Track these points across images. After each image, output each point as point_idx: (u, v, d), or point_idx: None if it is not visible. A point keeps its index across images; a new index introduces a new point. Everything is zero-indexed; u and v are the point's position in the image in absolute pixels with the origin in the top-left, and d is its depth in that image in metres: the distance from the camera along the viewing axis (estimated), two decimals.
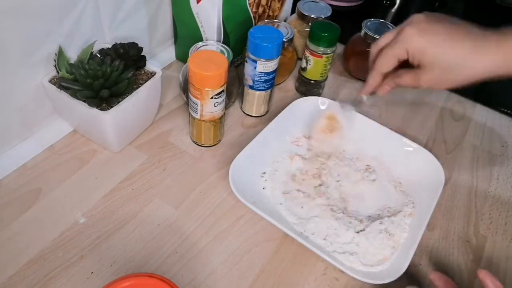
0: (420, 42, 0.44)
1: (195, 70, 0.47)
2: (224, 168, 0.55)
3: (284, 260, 0.47)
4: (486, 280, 0.39)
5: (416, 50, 0.44)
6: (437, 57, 0.43)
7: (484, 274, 0.39)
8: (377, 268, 0.45)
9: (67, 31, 0.50)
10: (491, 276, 0.39)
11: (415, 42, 0.44)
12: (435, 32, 0.44)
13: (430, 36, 0.44)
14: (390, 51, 0.46)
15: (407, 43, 0.45)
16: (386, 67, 0.48)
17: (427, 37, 0.44)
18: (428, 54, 0.44)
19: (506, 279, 0.48)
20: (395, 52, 0.46)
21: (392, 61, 0.47)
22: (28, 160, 0.52)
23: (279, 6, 0.70)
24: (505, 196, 0.57)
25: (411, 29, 0.45)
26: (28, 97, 0.50)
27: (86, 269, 0.44)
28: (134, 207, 0.50)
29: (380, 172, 0.56)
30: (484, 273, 0.39)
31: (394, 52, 0.46)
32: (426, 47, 0.44)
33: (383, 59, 0.47)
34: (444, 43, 0.43)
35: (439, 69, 0.44)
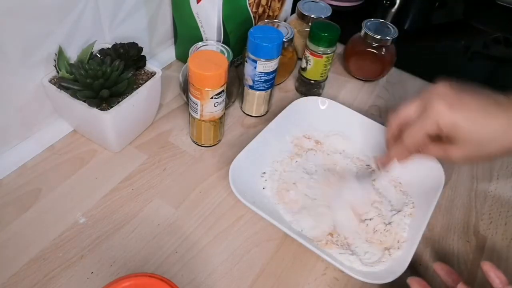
0: (452, 118, 0.41)
1: (195, 70, 0.47)
2: (224, 168, 0.55)
3: (284, 260, 0.47)
4: (489, 272, 0.39)
5: (449, 125, 0.41)
6: (472, 133, 0.41)
7: (488, 266, 0.39)
8: (377, 268, 0.45)
9: (67, 31, 0.50)
10: (495, 269, 0.39)
11: (447, 117, 0.41)
12: (467, 107, 0.42)
13: (462, 111, 0.41)
14: (420, 127, 0.43)
15: (438, 118, 0.42)
16: (416, 143, 0.44)
17: (459, 112, 0.41)
18: (461, 130, 0.41)
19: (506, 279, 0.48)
20: (425, 127, 0.43)
21: (421, 137, 0.44)
22: (28, 160, 0.52)
23: (279, 6, 0.70)
24: (505, 196, 0.57)
25: (440, 103, 0.42)
26: (28, 97, 0.50)
27: (86, 269, 0.44)
28: (134, 207, 0.50)
29: (380, 172, 0.56)
30: (488, 266, 0.39)
31: (423, 127, 0.43)
32: (459, 123, 0.41)
33: (413, 135, 0.44)
34: (478, 119, 0.41)
35: (473, 145, 0.42)
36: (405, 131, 0.45)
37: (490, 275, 0.39)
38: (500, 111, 0.41)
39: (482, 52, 0.86)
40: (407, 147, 0.46)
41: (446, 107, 0.41)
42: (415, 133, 0.44)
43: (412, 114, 0.45)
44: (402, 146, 0.46)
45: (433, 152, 0.45)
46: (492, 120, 0.41)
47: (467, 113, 0.41)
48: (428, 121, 0.43)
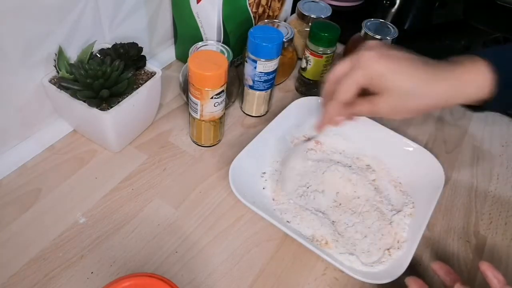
0: (380, 67, 0.43)
1: (195, 70, 0.47)
2: (224, 168, 0.55)
3: (284, 260, 0.47)
4: (487, 272, 0.39)
5: (376, 74, 0.43)
6: (396, 83, 0.42)
7: (486, 266, 0.39)
8: (377, 268, 0.45)
9: (67, 31, 0.50)
10: (492, 269, 0.39)
11: (376, 66, 0.43)
12: (393, 58, 0.43)
13: (388, 61, 0.43)
14: (351, 78, 0.44)
15: (368, 67, 0.43)
16: (347, 95, 0.45)
17: (387, 61, 0.43)
18: (387, 79, 0.42)
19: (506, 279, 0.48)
20: (356, 78, 0.44)
21: (353, 88, 0.44)
22: (28, 160, 0.52)
23: (279, 6, 0.70)
24: (505, 196, 0.57)
25: (370, 53, 0.43)
26: (28, 97, 0.50)
27: (86, 269, 0.44)
28: (134, 207, 0.50)
29: (380, 172, 0.56)
30: (486, 266, 0.39)
31: (354, 78, 0.44)
32: (386, 72, 0.42)
33: (344, 87, 0.45)
34: (401, 69, 0.42)
35: (397, 95, 0.43)
36: (337, 86, 0.46)
37: (488, 275, 0.39)
38: (426, 66, 0.43)
39: None
40: (340, 101, 0.46)
41: (375, 57, 0.43)
42: (347, 85, 0.45)
43: (345, 70, 0.46)
44: (335, 101, 0.46)
45: (362, 108, 0.45)
46: (417, 72, 0.42)
47: (393, 63, 0.43)
48: (358, 72, 0.44)
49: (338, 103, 0.46)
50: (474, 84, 0.42)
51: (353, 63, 0.45)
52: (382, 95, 0.43)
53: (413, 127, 0.64)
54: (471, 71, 0.42)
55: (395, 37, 0.65)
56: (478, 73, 0.42)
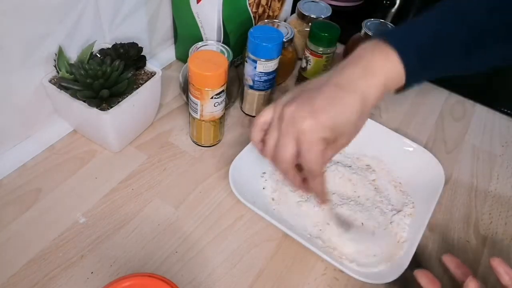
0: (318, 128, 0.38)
1: (195, 70, 0.47)
2: (224, 168, 0.55)
3: (284, 260, 0.47)
4: (499, 268, 0.39)
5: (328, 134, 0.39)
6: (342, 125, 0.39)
7: (497, 262, 0.39)
8: (377, 268, 0.45)
9: (67, 31, 0.50)
10: (504, 265, 0.39)
11: (317, 130, 0.38)
12: (312, 104, 0.39)
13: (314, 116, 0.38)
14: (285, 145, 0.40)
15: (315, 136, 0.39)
16: (289, 160, 0.40)
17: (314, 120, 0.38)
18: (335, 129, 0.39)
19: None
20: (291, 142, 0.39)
21: (291, 149, 0.40)
22: (28, 160, 0.52)
23: (279, 6, 0.70)
24: (505, 196, 0.57)
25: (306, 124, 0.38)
26: (28, 97, 0.50)
27: (86, 269, 0.44)
28: (134, 207, 0.50)
29: (380, 172, 0.56)
30: (498, 261, 0.39)
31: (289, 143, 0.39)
32: None
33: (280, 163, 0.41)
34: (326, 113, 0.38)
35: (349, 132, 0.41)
36: None
37: (499, 270, 0.39)
38: (315, 94, 0.39)
39: None
40: None
41: (313, 125, 0.38)
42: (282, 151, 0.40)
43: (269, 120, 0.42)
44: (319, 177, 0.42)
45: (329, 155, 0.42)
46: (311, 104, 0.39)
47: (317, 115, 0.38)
48: None
49: None
50: (390, 82, 0.40)
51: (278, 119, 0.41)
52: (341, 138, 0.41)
53: (413, 127, 0.64)
54: (380, 71, 0.39)
55: None
56: (389, 70, 0.39)
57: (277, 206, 0.50)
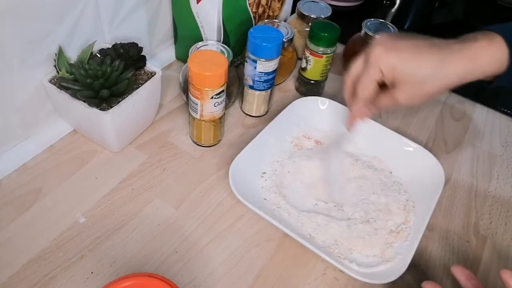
0: (389, 60, 0.44)
1: (195, 70, 0.47)
2: (224, 168, 0.55)
3: (284, 260, 0.47)
4: (510, 282, 0.37)
5: (387, 68, 0.44)
6: (407, 72, 0.44)
7: (509, 275, 0.38)
8: (377, 268, 0.45)
9: (67, 31, 0.50)
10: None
11: (385, 60, 0.44)
12: (401, 49, 0.44)
13: (397, 53, 0.44)
14: (367, 75, 0.46)
15: (378, 63, 0.45)
16: (368, 92, 0.47)
17: (394, 54, 0.44)
18: (398, 71, 0.44)
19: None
20: (371, 74, 0.46)
21: (371, 85, 0.46)
22: (28, 160, 0.52)
23: (279, 6, 0.70)
24: (505, 196, 0.57)
25: (378, 49, 0.45)
26: (28, 97, 0.50)
27: (86, 269, 0.44)
28: (134, 207, 0.50)
29: (380, 172, 0.56)
30: (509, 274, 0.38)
31: (370, 75, 0.46)
32: (395, 64, 0.44)
33: (363, 85, 0.47)
34: (411, 59, 0.44)
35: (412, 84, 0.44)
36: (357, 85, 0.48)
37: (510, 284, 0.37)
38: (433, 50, 0.44)
39: None
40: (362, 99, 0.48)
41: (383, 51, 0.44)
42: (365, 82, 0.47)
43: (360, 68, 0.48)
44: (357, 100, 0.49)
45: (383, 101, 0.47)
46: (426, 58, 0.43)
47: (402, 54, 0.44)
48: (371, 69, 0.45)
49: (360, 101, 0.48)
50: (490, 59, 0.43)
51: (365, 61, 0.47)
52: (399, 87, 0.45)
53: (413, 127, 0.64)
54: (487, 48, 0.42)
55: None
56: (494, 49, 0.42)
57: (277, 206, 0.50)
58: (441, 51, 0.44)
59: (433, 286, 0.41)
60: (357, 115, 0.51)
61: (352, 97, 0.50)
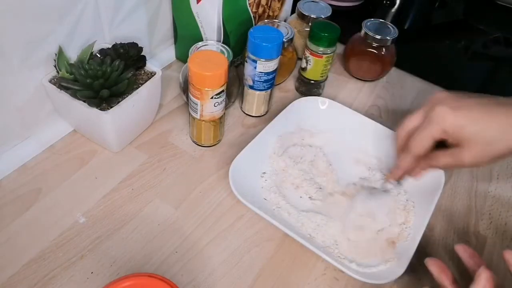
0: (456, 120, 0.43)
1: (195, 70, 0.47)
2: (224, 168, 0.55)
3: (284, 260, 0.47)
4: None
5: (455, 128, 0.43)
6: (477, 133, 0.42)
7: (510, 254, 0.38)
8: (377, 268, 0.45)
9: (67, 31, 0.50)
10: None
11: (451, 120, 0.43)
12: (469, 108, 0.43)
13: (465, 112, 0.43)
14: (425, 133, 0.45)
15: (443, 122, 0.43)
16: (422, 150, 0.46)
17: (462, 113, 0.43)
18: (467, 131, 0.42)
19: (506, 279, 0.48)
20: (431, 133, 0.44)
21: (428, 143, 0.45)
22: (28, 160, 0.52)
23: (279, 6, 0.70)
24: (505, 196, 0.57)
25: (442, 107, 0.43)
26: (28, 97, 0.50)
27: (86, 269, 0.44)
28: (134, 207, 0.50)
29: (381, 172, 0.56)
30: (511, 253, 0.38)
31: (429, 133, 0.44)
32: (464, 124, 0.42)
33: (418, 141, 0.45)
34: (481, 119, 0.42)
35: (482, 145, 0.43)
36: (411, 139, 0.46)
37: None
38: (502, 110, 0.42)
39: (482, 52, 0.86)
40: (414, 154, 0.46)
41: (449, 110, 0.43)
42: (421, 139, 0.45)
43: (417, 123, 0.46)
44: (409, 155, 0.47)
45: (442, 160, 0.46)
46: (496, 119, 0.42)
47: (470, 113, 0.42)
48: (432, 126, 0.44)
49: (411, 156, 0.47)
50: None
51: (424, 117, 0.45)
52: (464, 147, 0.43)
53: None
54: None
55: (395, 37, 0.65)
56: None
57: (277, 206, 0.50)
58: (506, 111, 0.42)
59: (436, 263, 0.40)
60: (403, 169, 0.49)
61: (402, 149, 0.48)
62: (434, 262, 0.41)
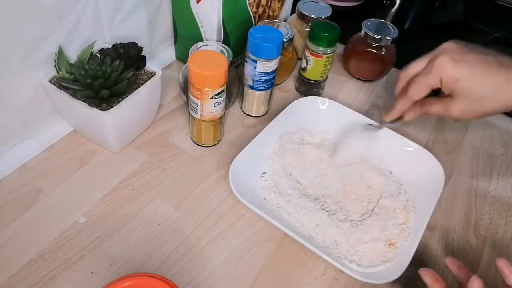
0: (454, 71, 0.44)
1: (195, 70, 0.47)
2: (224, 168, 0.55)
3: (284, 260, 0.47)
4: (504, 269, 0.39)
5: (450, 79, 0.45)
6: (471, 87, 0.44)
7: (503, 263, 0.39)
8: (377, 268, 0.45)
9: (67, 31, 0.50)
10: (509, 265, 0.39)
11: (449, 71, 0.44)
12: (469, 62, 0.44)
13: (464, 66, 0.44)
14: (424, 80, 0.47)
15: (442, 72, 0.45)
16: (419, 95, 0.48)
17: (461, 66, 0.44)
18: (461, 83, 0.44)
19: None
20: (429, 81, 0.46)
21: (425, 90, 0.47)
22: (28, 160, 0.52)
23: (279, 6, 0.70)
24: (505, 196, 0.57)
25: (445, 57, 0.45)
26: (28, 97, 0.50)
27: (86, 269, 0.44)
28: (134, 207, 0.50)
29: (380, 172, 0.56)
30: (503, 262, 0.39)
31: (428, 81, 0.46)
32: (460, 76, 0.44)
33: (416, 87, 0.48)
34: (477, 74, 0.44)
35: (471, 99, 0.44)
36: (410, 84, 0.48)
37: (504, 271, 0.39)
38: (500, 69, 0.43)
39: None
40: (411, 99, 0.49)
41: (450, 61, 0.44)
42: (419, 84, 0.47)
43: (420, 69, 0.48)
44: (406, 99, 0.49)
45: (434, 108, 0.48)
46: (492, 76, 0.43)
47: (469, 68, 0.44)
48: (431, 75, 0.46)
49: (409, 100, 0.49)
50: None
51: (428, 65, 0.47)
52: (456, 99, 0.45)
53: (413, 127, 0.64)
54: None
55: (395, 37, 0.65)
56: None
57: (277, 206, 0.50)
58: (504, 72, 0.43)
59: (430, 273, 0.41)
60: (400, 111, 0.51)
61: (402, 93, 0.50)
62: (428, 272, 0.41)
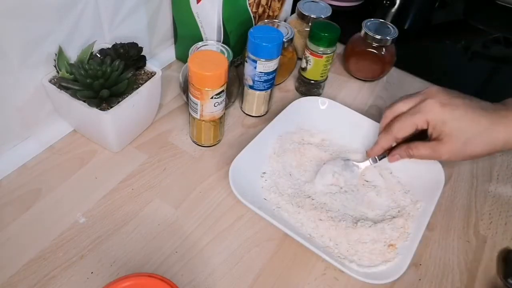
0: (442, 114, 0.46)
1: (195, 70, 0.47)
2: (224, 168, 0.55)
3: (284, 260, 0.47)
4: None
5: (438, 121, 0.46)
6: (458, 130, 0.45)
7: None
8: (377, 268, 0.45)
9: (67, 31, 0.50)
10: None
11: (437, 113, 0.46)
12: (456, 106, 0.46)
13: (451, 109, 0.46)
14: (410, 119, 0.48)
15: (429, 113, 0.46)
16: (403, 134, 0.49)
17: (448, 110, 0.46)
18: (449, 126, 0.46)
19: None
20: (415, 121, 0.47)
21: (410, 129, 0.48)
22: (28, 160, 0.52)
23: (279, 6, 0.70)
24: (505, 196, 0.57)
25: (433, 102, 0.46)
26: (28, 97, 0.50)
27: (86, 269, 0.44)
28: (134, 207, 0.50)
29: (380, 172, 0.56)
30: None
31: (414, 120, 0.47)
32: (447, 119, 0.46)
33: (401, 125, 0.48)
34: (465, 117, 0.45)
35: (459, 142, 0.46)
36: (394, 121, 0.49)
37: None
38: (486, 113, 0.46)
39: (482, 52, 0.86)
40: (394, 136, 0.49)
41: (437, 104, 0.46)
42: (404, 123, 0.48)
43: (405, 110, 0.49)
44: (389, 136, 0.50)
45: (421, 151, 0.49)
46: (478, 121, 0.45)
47: (455, 111, 0.46)
48: (418, 114, 0.47)
49: (392, 137, 0.50)
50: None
51: (413, 105, 0.48)
52: (444, 141, 0.46)
53: None
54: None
55: (395, 37, 0.65)
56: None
57: (277, 206, 0.50)
58: (491, 115, 0.45)
59: None
60: (383, 148, 0.52)
61: (385, 130, 0.51)
62: None
